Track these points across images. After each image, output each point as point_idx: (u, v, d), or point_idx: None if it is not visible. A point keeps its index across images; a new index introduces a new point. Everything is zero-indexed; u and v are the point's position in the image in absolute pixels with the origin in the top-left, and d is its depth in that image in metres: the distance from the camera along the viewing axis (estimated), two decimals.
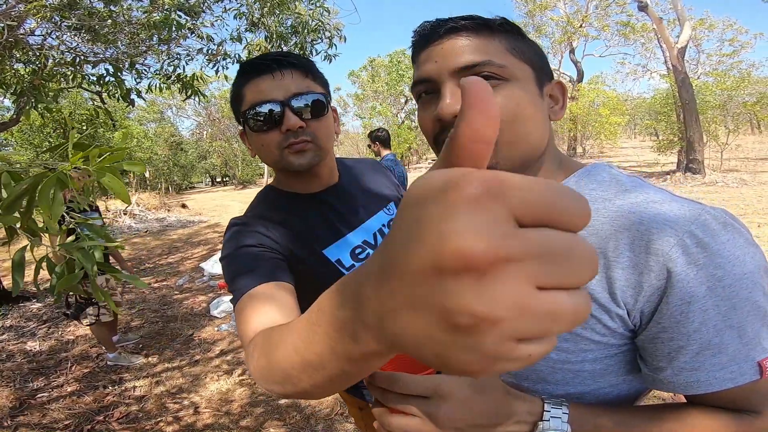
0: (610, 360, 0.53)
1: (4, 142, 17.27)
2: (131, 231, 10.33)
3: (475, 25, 0.54)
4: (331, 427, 2.40)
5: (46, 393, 2.84)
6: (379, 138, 3.72)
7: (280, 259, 0.80)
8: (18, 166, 1.06)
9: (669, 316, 0.47)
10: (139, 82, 3.94)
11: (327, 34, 4.73)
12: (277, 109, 0.79)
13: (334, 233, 0.90)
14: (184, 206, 15.85)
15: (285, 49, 4.64)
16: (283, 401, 2.66)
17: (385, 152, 3.70)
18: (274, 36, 4.38)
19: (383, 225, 0.96)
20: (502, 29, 0.55)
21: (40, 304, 4.65)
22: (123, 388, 2.89)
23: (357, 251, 0.91)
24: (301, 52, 4.62)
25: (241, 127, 0.89)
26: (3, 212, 0.88)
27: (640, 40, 21.72)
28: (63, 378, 3.03)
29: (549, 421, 0.50)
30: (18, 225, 0.93)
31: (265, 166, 27.29)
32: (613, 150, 22.59)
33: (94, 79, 3.40)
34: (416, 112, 0.60)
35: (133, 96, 3.71)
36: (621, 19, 20.83)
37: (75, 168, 0.84)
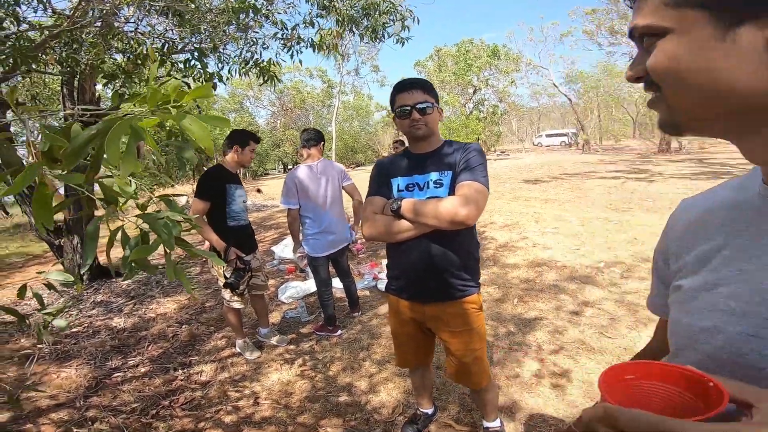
0: None
1: None
2: None
3: None
4: (390, 431, 2.24)
5: (121, 373, 2.98)
6: None
7: (384, 183, 1.72)
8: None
9: None
10: (222, 68, 4.04)
11: (399, 16, 4.51)
12: (408, 109, 1.59)
13: (407, 172, 1.68)
14: (259, 191, 16.70)
15: (356, 32, 4.53)
16: (342, 398, 2.55)
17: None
18: (345, 20, 4.24)
19: (432, 179, 1.62)
20: None
21: (129, 280, 5.01)
22: (190, 372, 2.95)
23: (410, 186, 1.66)
24: (373, 35, 4.46)
25: (393, 115, 1.67)
26: (66, 163, 0.74)
27: None
28: (139, 358, 3.18)
29: None
30: (81, 184, 0.83)
31: (333, 155, 28.15)
32: (718, 145, 19.97)
33: (181, 65, 3.50)
34: (484, 103, 1.21)
35: (215, 80, 3.79)
36: None
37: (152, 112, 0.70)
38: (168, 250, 0.91)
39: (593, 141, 30.16)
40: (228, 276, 2.77)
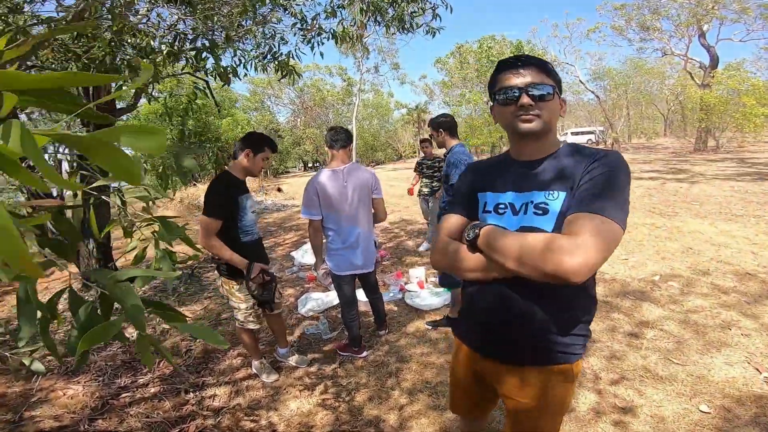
0: None
1: None
2: None
3: None
4: None
5: (130, 393, 2.73)
6: (444, 125, 2.97)
7: (469, 197, 1.28)
8: None
9: None
10: (239, 65, 3.77)
11: (429, 4, 4.16)
12: (517, 93, 1.10)
13: (501, 186, 1.20)
14: (279, 190, 16.58)
15: (381, 23, 4.20)
16: None
17: (452, 142, 2.95)
18: (370, 7, 3.91)
19: (532, 201, 1.10)
20: None
21: (146, 287, 4.81)
22: (203, 395, 2.68)
23: (500, 206, 1.18)
24: (400, 25, 4.12)
25: (491, 103, 1.19)
26: None
27: None
28: (150, 375, 2.92)
29: None
30: None
31: (353, 154, 27.91)
32: (757, 144, 18.87)
33: (192, 55, 3.20)
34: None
35: (230, 75, 3.49)
36: (765, 2, 17.46)
37: None
38: (138, 329, 0.60)
39: (622, 139, 29.02)
40: (259, 294, 2.49)
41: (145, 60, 2.89)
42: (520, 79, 1.09)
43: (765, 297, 3.37)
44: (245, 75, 3.90)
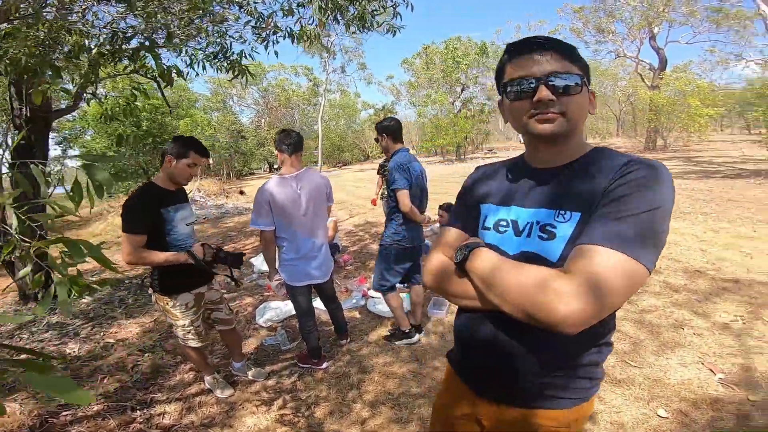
0: None
1: (82, 130, 18.46)
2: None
3: None
4: None
5: (71, 411, 2.52)
6: (388, 129, 2.87)
7: (471, 207, 1.08)
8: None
9: None
10: (188, 65, 3.55)
11: (390, 2, 4.09)
12: (533, 84, 0.86)
13: (503, 199, 1.01)
14: (241, 192, 16.10)
15: (341, 21, 4.09)
16: None
17: (395, 147, 2.87)
18: (329, 5, 3.80)
19: (538, 221, 0.91)
20: None
21: (89, 299, 4.49)
22: (151, 412, 2.50)
23: (502, 223, 0.98)
24: (360, 24, 4.02)
25: (500, 97, 0.96)
26: None
27: (734, 28, 19.28)
28: (92, 391, 2.70)
29: None
30: None
31: (320, 154, 27.56)
32: (701, 143, 20.09)
33: (130, 54, 2.95)
34: (473, 101, 0.64)
35: (173, 74, 3.27)
36: (712, 5, 18.74)
37: None
38: None
39: None
40: (230, 273, 2.46)
41: (77, 60, 2.64)
42: (537, 66, 0.86)
43: (714, 295, 3.52)
44: (196, 75, 3.70)
